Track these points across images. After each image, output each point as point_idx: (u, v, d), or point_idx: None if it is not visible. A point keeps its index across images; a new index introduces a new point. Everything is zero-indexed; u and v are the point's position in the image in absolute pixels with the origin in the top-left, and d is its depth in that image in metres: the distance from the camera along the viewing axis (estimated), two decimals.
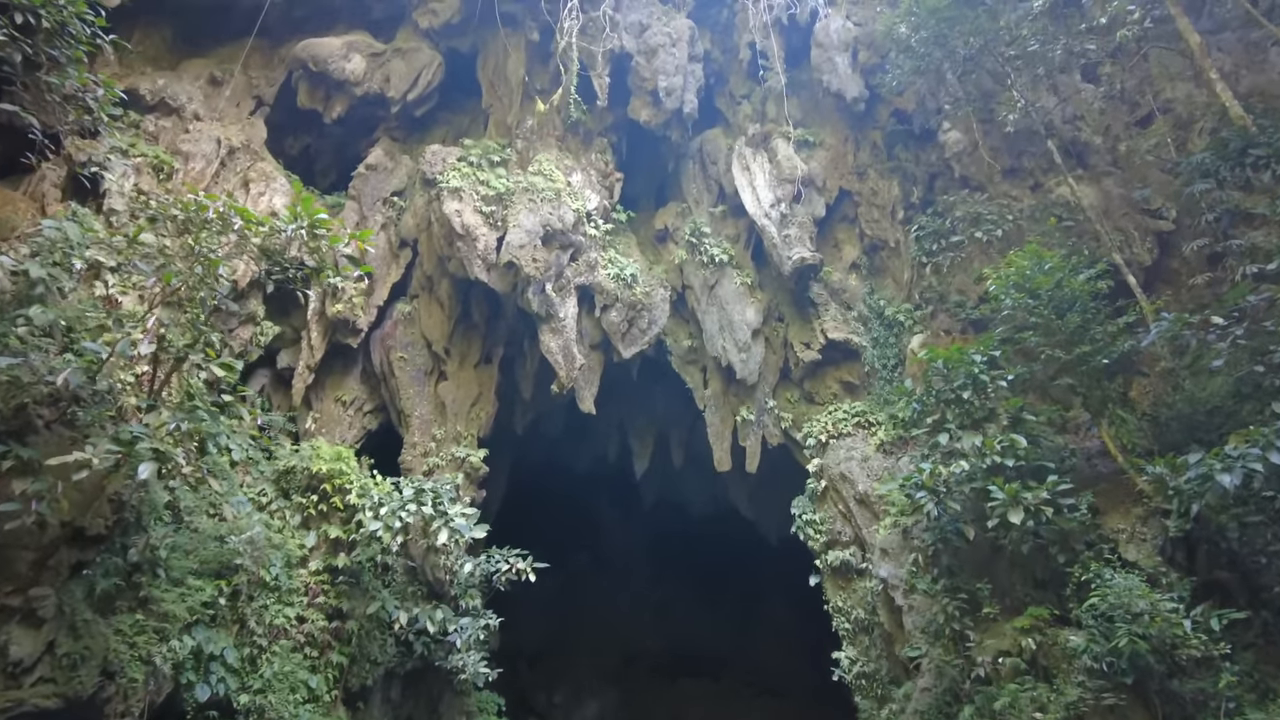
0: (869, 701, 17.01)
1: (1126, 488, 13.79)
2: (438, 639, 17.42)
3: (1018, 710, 11.93)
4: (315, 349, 20.28)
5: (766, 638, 33.48)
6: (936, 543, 14.82)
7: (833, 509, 18.98)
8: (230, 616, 14.79)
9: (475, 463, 19.76)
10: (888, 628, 16.21)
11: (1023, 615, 12.81)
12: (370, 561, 17.23)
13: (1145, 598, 10.88)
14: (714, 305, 21.04)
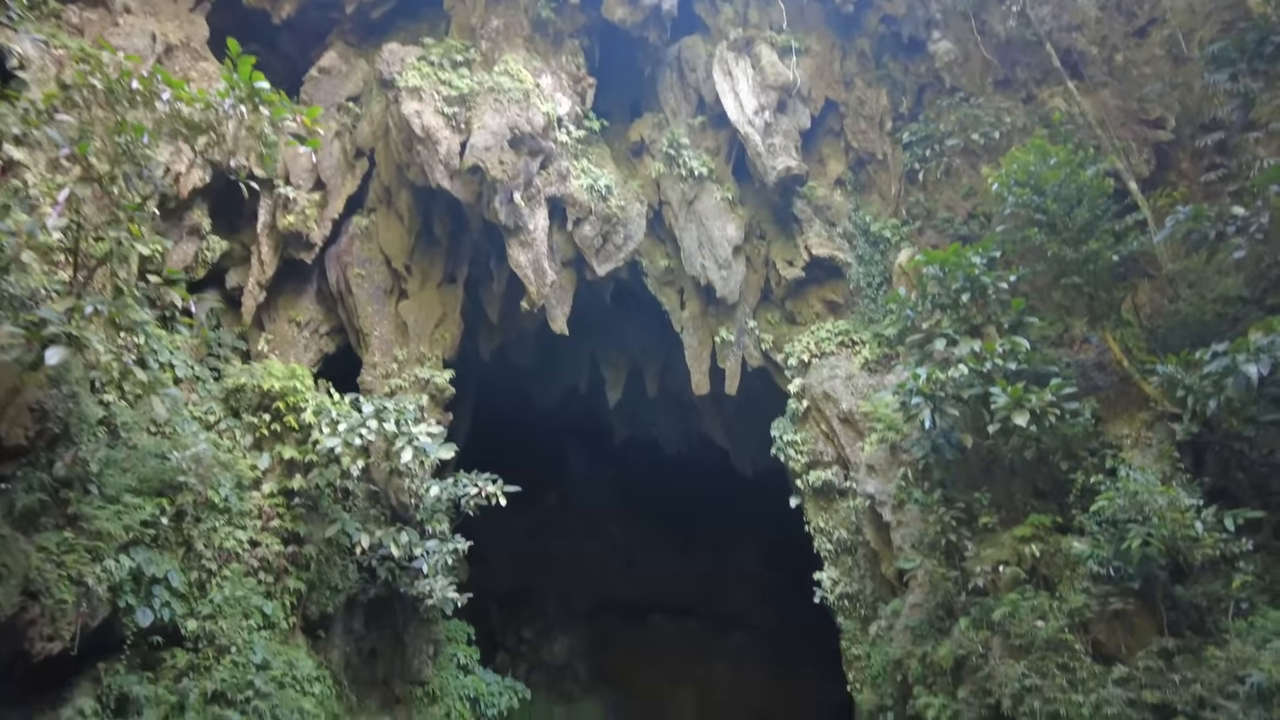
0: (852, 621, 16.51)
1: (1130, 395, 13.17)
2: (403, 565, 16.49)
3: (1017, 619, 11.36)
4: (266, 265, 18.84)
5: (737, 578, 33.24)
6: (928, 455, 14.14)
7: (814, 429, 18.27)
8: (175, 538, 13.65)
9: (440, 384, 18.64)
10: (873, 546, 15.62)
11: (1022, 524, 12.20)
12: (329, 486, 16.15)
13: (1165, 494, 10.25)
14: (693, 221, 19.94)
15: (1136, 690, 10.12)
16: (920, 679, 12.77)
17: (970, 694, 11.65)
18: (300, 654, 14.63)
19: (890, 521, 14.87)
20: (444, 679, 17.45)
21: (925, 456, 14.49)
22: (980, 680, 11.54)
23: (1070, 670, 10.66)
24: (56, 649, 11.16)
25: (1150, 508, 10.21)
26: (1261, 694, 8.89)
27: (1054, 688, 10.58)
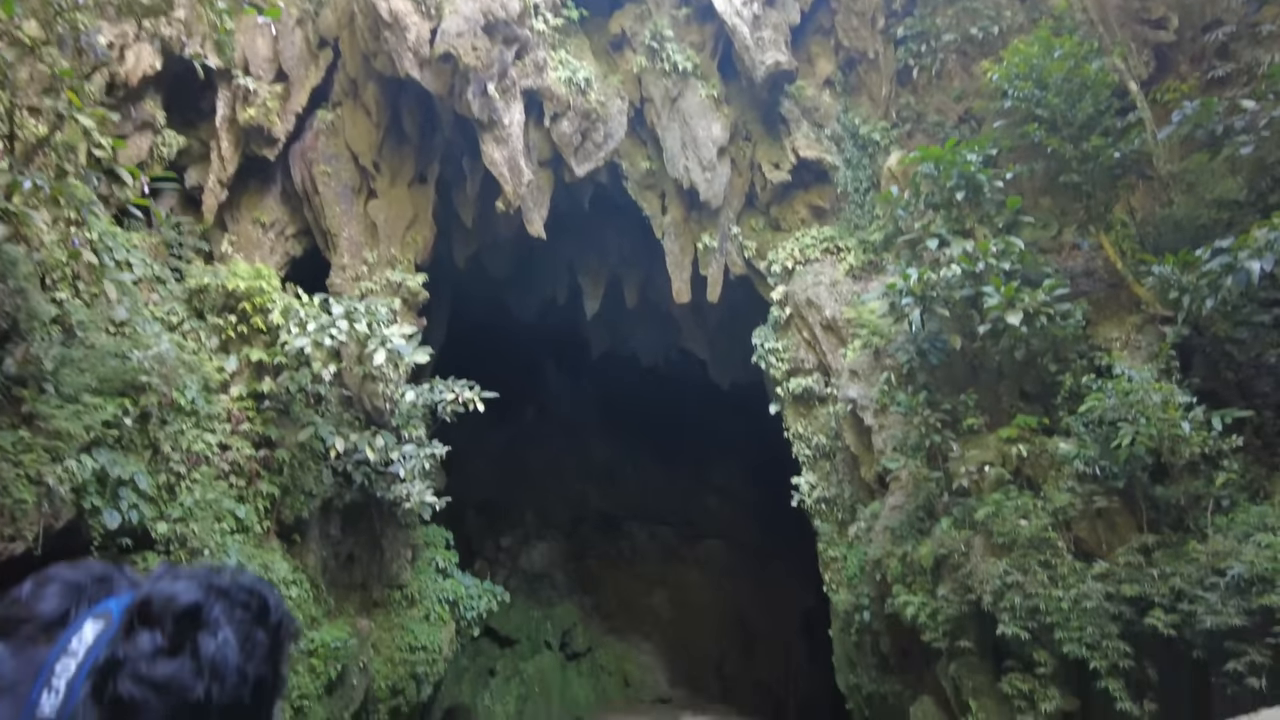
0: (829, 525, 16.63)
1: (1119, 300, 12.97)
2: (379, 470, 16.20)
3: (1000, 519, 11.37)
4: (227, 161, 17.84)
5: (712, 490, 33.58)
6: (912, 360, 13.96)
7: (796, 336, 18.01)
8: (140, 440, 13.17)
9: (413, 287, 18.02)
10: (853, 450, 15.58)
11: (1008, 426, 12.11)
12: (300, 390, 15.68)
13: (1159, 390, 10.14)
14: (676, 120, 19.12)
15: (1115, 585, 10.22)
16: (899, 578, 12.88)
17: (950, 591, 11.76)
18: (276, 557, 14.43)
19: (872, 426, 14.78)
20: (422, 583, 17.44)
21: (909, 361, 14.30)
22: (961, 578, 11.63)
23: (1051, 567, 10.74)
24: (19, 549, 10.78)
25: (1140, 407, 10.09)
26: (1241, 585, 8.97)
27: (1035, 584, 10.66)
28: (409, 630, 16.61)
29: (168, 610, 0.59)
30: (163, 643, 0.57)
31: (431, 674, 16.68)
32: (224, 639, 0.60)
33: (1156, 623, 9.60)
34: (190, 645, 0.58)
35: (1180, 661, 9.89)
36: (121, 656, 0.55)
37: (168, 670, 0.56)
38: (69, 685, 0.54)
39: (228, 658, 0.59)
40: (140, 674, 0.55)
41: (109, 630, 0.57)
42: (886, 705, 14.62)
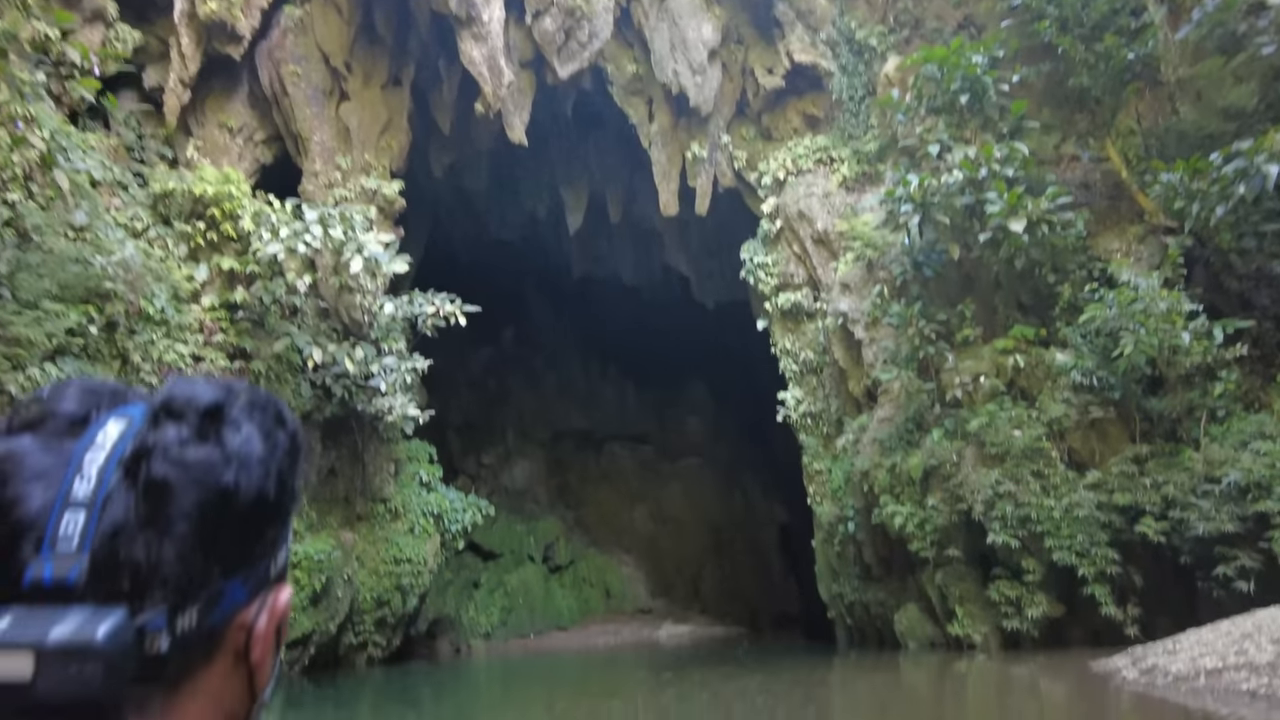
0: (814, 438, 16.61)
1: (1120, 210, 12.69)
2: (359, 383, 15.82)
3: (994, 429, 11.31)
4: (188, 59, 16.69)
5: (690, 410, 33.69)
6: (906, 272, 13.70)
7: (786, 250, 17.62)
8: (108, 350, 12.66)
9: (389, 195, 17.28)
10: (842, 364, 15.43)
11: (1004, 337, 11.95)
12: (275, 302, 15.14)
13: (1167, 297, 9.95)
14: (665, 20, 18.18)
15: (1107, 494, 10.24)
16: (887, 489, 12.90)
17: (940, 501, 11.79)
18: None
19: (862, 339, 14.58)
20: (406, 496, 17.30)
21: (903, 274, 14.04)
22: (951, 488, 11.64)
23: (1044, 477, 10.74)
24: None
25: (1142, 316, 9.92)
26: (1235, 492, 9.00)
27: (1027, 493, 10.68)
28: (393, 543, 16.55)
29: (190, 406, 0.58)
30: (188, 434, 0.57)
31: (417, 585, 16.71)
32: (248, 433, 0.59)
33: (1147, 530, 9.66)
34: (215, 437, 0.58)
35: (1166, 568, 10.01)
36: (151, 444, 0.55)
37: (199, 454, 0.56)
38: (99, 472, 0.54)
39: (253, 450, 0.59)
40: (171, 456, 0.55)
41: (133, 428, 0.57)
42: (869, 613, 14.88)
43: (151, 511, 0.54)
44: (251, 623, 0.60)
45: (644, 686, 10.20)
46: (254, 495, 0.58)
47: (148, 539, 0.54)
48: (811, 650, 15.25)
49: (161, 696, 0.55)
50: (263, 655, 0.62)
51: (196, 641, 0.56)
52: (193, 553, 0.55)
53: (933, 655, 12.08)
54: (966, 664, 10.78)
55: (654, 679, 11.15)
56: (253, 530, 0.60)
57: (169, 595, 0.54)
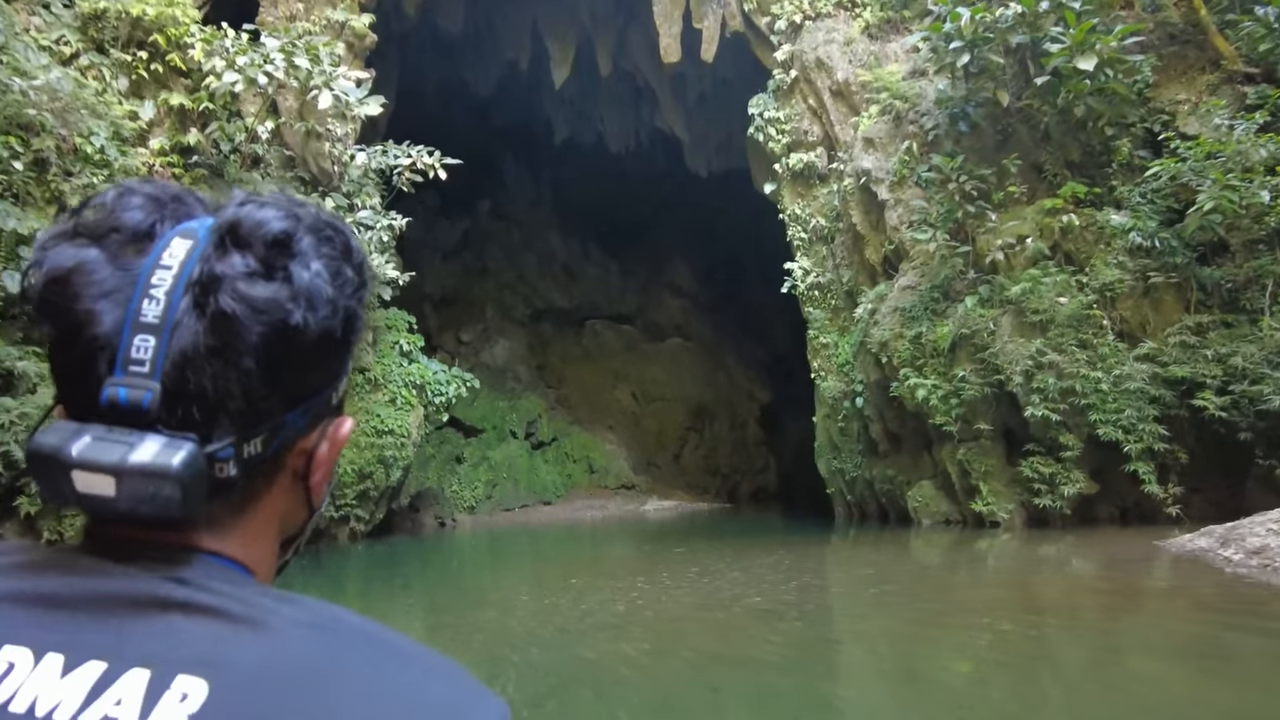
0: (822, 311, 15.67)
1: (1189, 59, 11.33)
2: None
3: (1036, 296, 10.38)
4: None
5: (673, 292, 32.73)
6: (941, 125, 12.39)
7: (800, 104, 16.08)
8: (40, 193, 11.09)
9: (358, 29, 15.30)
10: (859, 229, 14.29)
11: (1052, 196, 10.84)
12: (234, 151, 13.49)
13: (1268, 142, 8.84)
14: None
15: (1162, 366, 9.45)
16: (908, 361, 12.07)
17: (971, 373, 10.98)
18: None
19: (886, 200, 13.39)
20: (386, 366, 16.22)
21: (936, 128, 12.73)
22: (987, 358, 10.80)
23: (1091, 347, 9.91)
24: None
25: (1218, 172, 8.82)
26: None
27: (1072, 363, 9.86)
28: (374, 414, 15.58)
29: (257, 235, 0.56)
30: (255, 266, 0.55)
31: (400, 458, 15.88)
32: (316, 270, 0.57)
33: (1207, 404, 8.94)
34: (284, 272, 0.56)
35: (1218, 446, 9.37)
36: (219, 273, 0.54)
37: (266, 291, 0.55)
38: (168, 295, 0.53)
39: (320, 288, 0.57)
40: (240, 291, 0.54)
41: (199, 248, 0.55)
42: (872, 489, 14.41)
43: (219, 344, 0.54)
44: (313, 449, 0.62)
45: (664, 562, 9.49)
46: (320, 333, 0.57)
47: (215, 371, 0.54)
48: (811, 525, 14.83)
49: (229, 513, 0.59)
50: (322, 479, 0.64)
51: (261, 466, 0.58)
52: (259, 386, 0.55)
53: (947, 533, 11.60)
54: (992, 541, 10.25)
55: (665, 552, 10.49)
56: (316, 365, 0.59)
57: (236, 425, 0.55)
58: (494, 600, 7.48)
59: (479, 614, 6.78)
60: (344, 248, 0.61)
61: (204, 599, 0.53)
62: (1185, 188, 9.43)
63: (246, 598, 0.54)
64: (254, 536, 0.61)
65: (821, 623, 6.08)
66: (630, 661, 4.91)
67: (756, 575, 7.64)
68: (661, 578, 7.86)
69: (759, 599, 6.59)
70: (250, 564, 0.60)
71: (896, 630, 5.66)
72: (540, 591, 7.59)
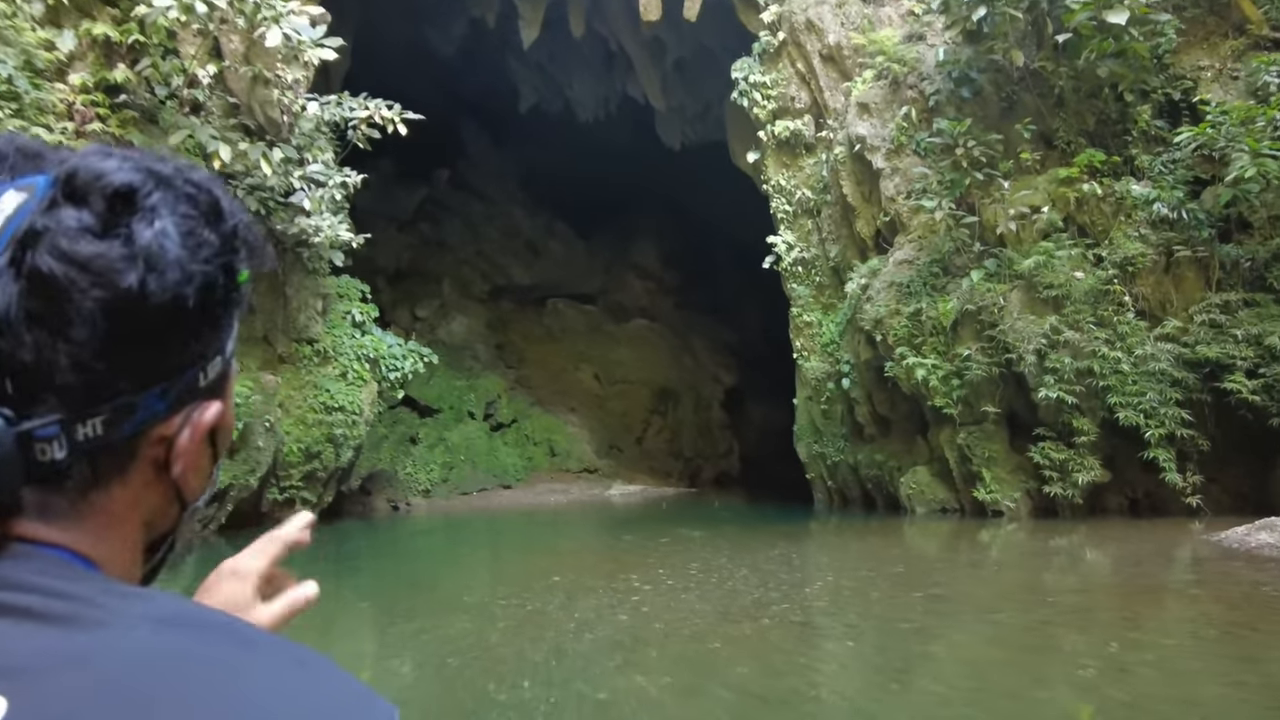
0: (806, 287, 14.88)
1: (1209, 25, 10.71)
2: (280, 199, 13.10)
3: (1050, 270, 9.68)
4: None
5: (638, 274, 31.89)
6: (942, 90, 11.63)
7: (788, 69, 15.19)
8: None
9: None
10: (850, 201, 13.49)
11: (1065, 166, 10.14)
12: (171, 97, 12.12)
13: None
14: None
15: (1187, 346, 8.82)
16: (905, 340, 11.32)
17: (978, 352, 10.25)
18: None
19: (882, 169, 12.60)
20: (337, 338, 14.97)
21: (937, 93, 11.97)
22: (996, 336, 10.08)
23: (1109, 325, 9.25)
24: None
25: (1251, 140, 8.17)
26: None
27: (1090, 342, 9.18)
28: (323, 389, 14.35)
29: (95, 187, 0.49)
30: (90, 221, 0.48)
31: (351, 437, 14.69)
32: (161, 229, 0.50)
33: (1239, 387, 8.33)
34: (123, 230, 0.49)
35: (1242, 433, 8.78)
36: (40, 229, 0.48)
37: (93, 249, 0.48)
38: None
39: (166, 248, 0.50)
40: (61, 248, 0.47)
41: (31, 201, 0.49)
42: (857, 475, 13.70)
43: (39, 309, 0.47)
44: (174, 436, 0.55)
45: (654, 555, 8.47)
46: (167, 301, 0.49)
47: (36, 339, 0.47)
48: (790, 512, 14.09)
49: (67, 502, 0.52)
50: (186, 469, 0.57)
51: (104, 452, 0.52)
52: (93, 360, 0.49)
53: (944, 521, 10.93)
54: (998, 531, 9.58)
55: (650, 543, 9.51)
56: (169, 340, 0.52)
57: (65, 403, 0.49)
58: (468, 605, 6.29)
59: (450, 624, 5.58)
60: (210, 208, 0.53)
61: (19, 601, 0.45)
62: (1208, 159, 8.79)
63: (78, 594, 0.46)
64: (104, 529, 0.53)
65: (878, 641, 4.99)
66: (654, 705, 3.83)
67: (768, 573, 6.72)
68: (659, 575, 6.87)
69: (786, 605, 5.60)
70: (98, 559, 0.52)
71: (976, 653, 4.64)
72: (521, 592, 6.41)
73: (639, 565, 7.52)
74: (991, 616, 5.41)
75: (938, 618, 5.30)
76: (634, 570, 7.17)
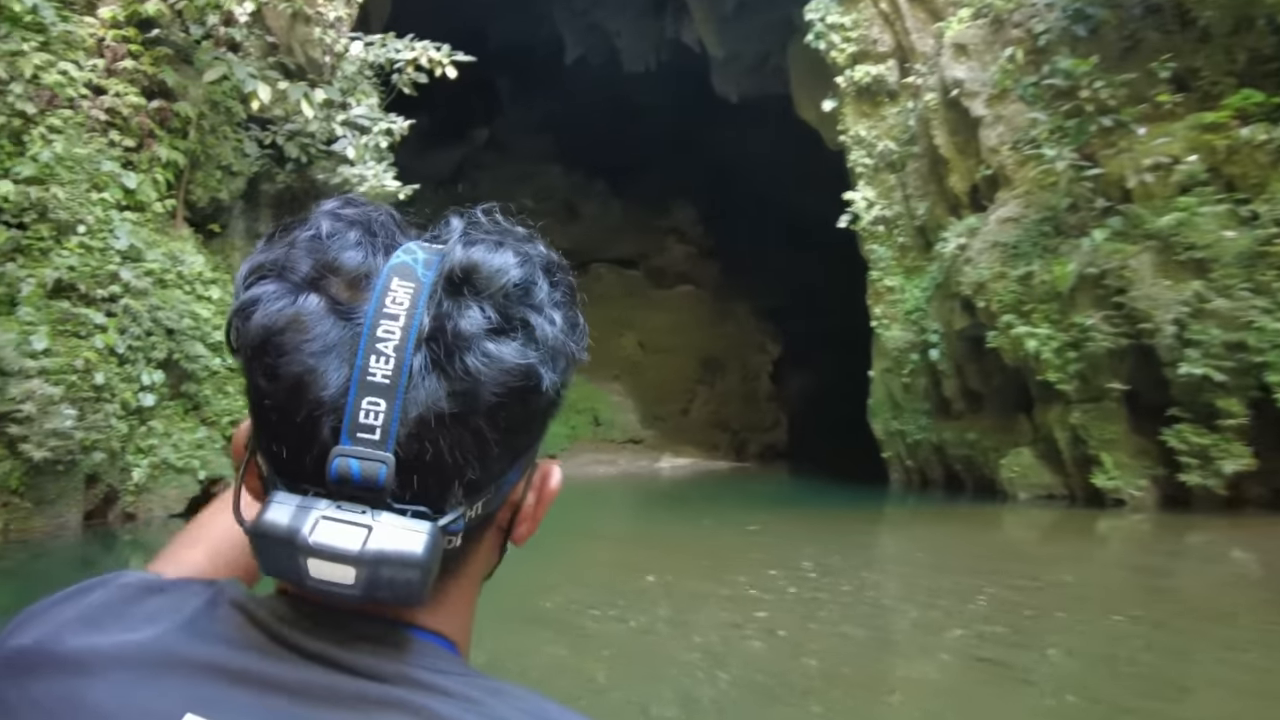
0: (887, 248, 13.68)
1: None
2: (321, 147, 12.19)
3: (1192, 229, 8.45)
4: None
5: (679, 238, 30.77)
6: (1055, 27, 10.33)
7: (870, 9, 13.84)
8: None
9: None
10: (943, 152, 12.24)
11: (1211, 110, 8.84)
12: (206, 36, 11.19)
13: None
14: None
15: None
16: (1011, 306, 10.16)
17: (1102, 320, 9.08)
18: (188, 249, 10.76)
19: (982, 116, 11.33)
20: None
21: (1047, 31, 10.64)
22: (1126, 303, 8.89)
23: (1269, 293, 8.02)
24: None
25: None
26: None
27: (1243, 311, 7.98)
28: None
29: (496, 283, 0.50)
30: (496, 320, 0.49)
31: None
32: (551, 319, 0.51)
33: None
34: (524, 325, 0.50)
35: None
36: (460, 330, 0.48)
37: (513, 352, 0.49)
38: (398, 351, 0.47)
39: (561, 340, 0.51)
40: (488, 351, 0.48)
41: (423, 293, 0.48)
42: (941, 455, 12.64)
43: (458, 407, 0.48)
44: (519, 501, 0.56)
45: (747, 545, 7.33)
46: (556, 391, 0.52)
47: (454, 438, 0.48)
48: (865, 491, 13.08)
49: (442, 582, 0.53)
50: (526, 533, 0.59)
51: (477, 528, 0.54)
52: (494, 450, 0.50)
53: (1051, 509, 9.86)
54: (1120, 521, 8.51)
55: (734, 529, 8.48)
56: (545, 420, 0.54)
57: (467, 494, 0.50)
58: (549, 615, 5.08)
59: (535, 648, 4.32)
60: (571, 290, 0.56)
61: (415, 699, 0.47)
62: None
63: (456, 692, 0.48)
64: (460, 603, 0.56)
65: (1113, 695, 3.57)
66: None
67: (900, 577, 5.74)
68: (771, 578, 5.81)
69: (960, 632, 4.47)
70: (456, 637, 0.55)
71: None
72: (612, 597, 5.39)
73: (740, 561, 6.55)
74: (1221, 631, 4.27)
75: (1172, 657, 4.11)
76: (737, 568, 6.19)
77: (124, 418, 8.95)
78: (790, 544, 7.48)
